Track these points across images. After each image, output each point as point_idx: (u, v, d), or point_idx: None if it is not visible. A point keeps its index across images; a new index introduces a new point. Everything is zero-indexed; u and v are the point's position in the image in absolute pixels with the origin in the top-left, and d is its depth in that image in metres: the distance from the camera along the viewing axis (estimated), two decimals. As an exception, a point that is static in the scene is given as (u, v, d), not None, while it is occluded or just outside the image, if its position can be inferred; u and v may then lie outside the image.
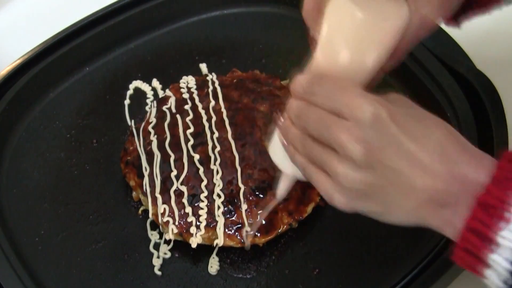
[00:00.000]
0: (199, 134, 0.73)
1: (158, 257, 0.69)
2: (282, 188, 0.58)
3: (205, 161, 0.70)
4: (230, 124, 0.73)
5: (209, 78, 0.80)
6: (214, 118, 0.74)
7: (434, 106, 0.75)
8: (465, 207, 0.46)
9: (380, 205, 0.49)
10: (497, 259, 0.45)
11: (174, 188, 0.69)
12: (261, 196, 0.68)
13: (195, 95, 0.77)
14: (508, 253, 0.44)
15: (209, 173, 0.70)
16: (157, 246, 0.70)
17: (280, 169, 0.57)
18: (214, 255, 0.69)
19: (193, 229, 0.67)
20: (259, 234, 0.68)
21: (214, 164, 0.70)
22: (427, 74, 0.79)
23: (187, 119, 0.74)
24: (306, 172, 0.51)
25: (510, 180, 0.44)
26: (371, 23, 0.48)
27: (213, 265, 0.69)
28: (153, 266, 0.69)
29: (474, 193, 0.45)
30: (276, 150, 0.55)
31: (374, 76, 0.51)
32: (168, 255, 0.70)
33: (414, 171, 0.47)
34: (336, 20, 0.49)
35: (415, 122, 0.48)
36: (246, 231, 0.66)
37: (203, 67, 0.86)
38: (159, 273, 0.68)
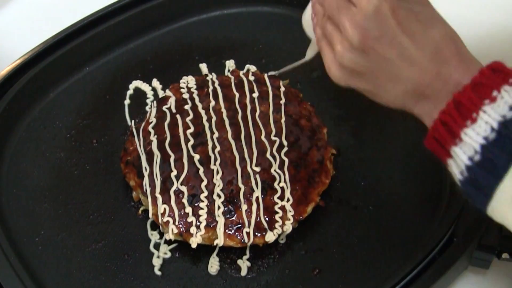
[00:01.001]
0: (199, 134, 0.73)
1: (158, 257, 0.69)
2: (310, 51, 0.69)
3: (205, 161, 0.70)
4: (230, 124, 0.73)
5: (209, 78, 0.80)
6: (214, 118, 0.74)
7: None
8: (443, 103, 0.51)
9: (370, 86, 0.56)
10: (458, 152, 0.49)
11: (174, 188, 0.69)
12: (262, 196, 0.68)
13: (195, 95, 0.77)
14: (467, 148, 0.49)
15: (209, 173, 0.70)
16: (157, 246, 0.70)
17: (308, 36, 0.66)
18: (214, 255, 0.69)
19: (193, 229, 0.67)
20: (259, 235, 0.68)
21: (214, 164, 0.70)
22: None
23: (187, 119, 0.74)
24: (318, 42, 0.59)
25: (485, 86, 0.49)
26: None
27: (213, 265, 0.69)
28: (153, 266, 0.69)
29: (453, 91, 0.50)
30: (307, 18, 0.65)
31: None
32: (168, 255, 0.70)
33: (403, 62, 0.52)
34: None
35: (416, 18, 0.53)
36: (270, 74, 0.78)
37: (203, 67, 0.86)
38: (159, 273, 0.68)
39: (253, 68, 0.84)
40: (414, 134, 0.61)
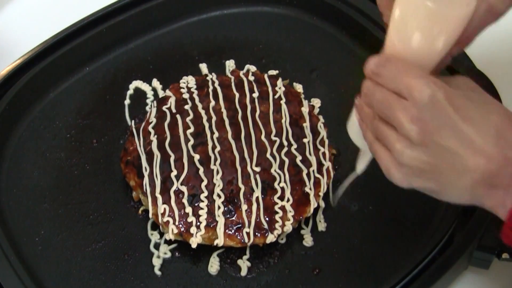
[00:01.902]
0: (199, 134, 0.73)
1: (158, 257, 0.69)
2: (361, 163, 0.63)
3: (205, 161, 0.70)
4: (230, 124, 0.73)
5: (209, 78, 0.80)
6: (214, 118, 0.74)
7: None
8: None
9: (435, 183, 0.52)
10: None
11: (174, 188, 0.69)
12: (262, 196, 0.68)
13: (195, 95, 0.77)
14: None
15: (209, 173, 0.70)
16: (157, 246, 0.70)
17: (357, 145, 0.62)
18: (214, 255, 0.69)
19: (193, 229, 0.67)
20: (259, 235, 0.68)
21: (214, 164, 0.70)
22: (427, 74, 0.79)
23: (187, 119, 0.74)
24: (371, 147, 0.55)
25: None
26: (440, 11, 0.50)
27: (213, 265, 0.69)
28: (153, 266, 0.69)
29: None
30: (353, 127, 0.60)
31: (442, 61, 0.54)
32: (168, 255, 0.70)
33: (467, 151, 0.49)
34: (407, 7, 0.52)
35: (473, 105, 0.50)
36: (334, 194, 0.71)
37: (203, 67, 0.86)
38: (159, 273, 0.68)
39: (253, 68, 0.84)
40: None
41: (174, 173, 0.70)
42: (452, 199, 0.52)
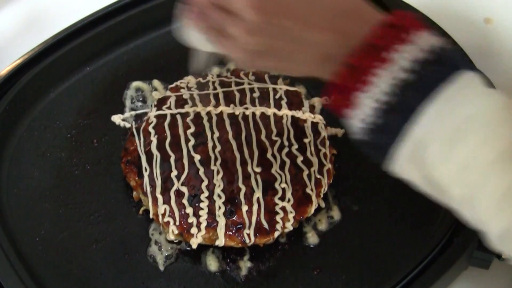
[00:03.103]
0: (199, 134, 0.73)
1: (158, 257, 0.69)
2: (199, 62, 0.64)
3: (206, 161, 0.70)
4: (230, 124, 0.73)
5: (209, 78, 0.80)
6: (214, 118, 0.74)
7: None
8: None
9: (279, 61, 0.53)
10: (351, 115, 0.50)
11: (174, 188, 0.69)
12: (263, 196, 0.69)
13: (195, 95, 0.77)
14: (360, 111, 0.49)
15: (209, 173, 0.70)
16: (157, 246, 0.70)
17: (193, 47, 0.62)
18: (215, 255, 0.69)
19: (193, 230, 0.67)
20: (259, 235, 0.68)
21: (215, 164, 0.70)
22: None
23: (188, 119, 0.74)
24: (211, 38, 0.55)
25: (373, 47, 0.48)
26: None
27: (214, 265, 0.69)
28: (154, 266, 0.69)
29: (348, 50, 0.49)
30: (187, 29, 0.59)
31: None
32: (169, 255, 0.70)
33: (307, 29, 0.51)
34: None
35: None
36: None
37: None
38: (159, 273, 0.68)
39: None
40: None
41: (174, 173, 0.70)
42: (296, 73, 0.55)
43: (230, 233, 0.68)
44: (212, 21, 0.54)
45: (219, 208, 0.68)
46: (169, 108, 0.76)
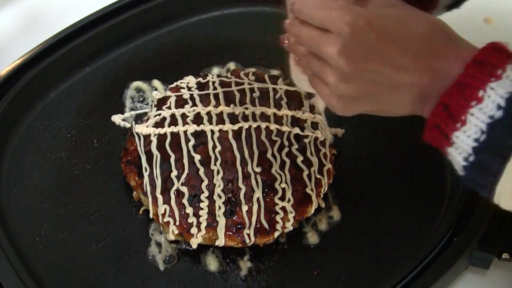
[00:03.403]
0: (199, 134, 0.73)
1: (158, 257, 0.69)
2: (320, 102, 0.62)
3: (206, 161, 0.70)
4: (230, 124, 0.73)
5: (209, 78, 0.80)
6: (214, 118, 0.74)
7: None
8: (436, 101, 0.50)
9: (375, 106, 0.54)
10: (453, 153, 0.50)
11: (174, 188, 0.69)
12: (263, 196, 0.69)
13: (195, 95, 0.77)
14: (461, 150, 0.49)
15: (209, 173, 0.70)
16: (157, 246, 0.70)
17: (302, 88, 0.63)
18: (215, 255, 0.69)
19: (193, 230, 0.67)
20: (259, 235, 0.68)
21: (215, 164, 0.70)
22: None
23: (188, 119, 0.74)
24: (311, 84, 0.56)
25: (470, 86, 0.48)
26: None
27: (214, 265, 0.69)
28: (154, 266, 0.69)
29: (444, 89, 0.50)
30: (294, 71, 0.61)
31: None
32: (169, 255, 0.70)
33: (399, 71, 0.50)
34: None
35: (396, 23, 0.51)
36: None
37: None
38: (159, 273, 0.68)
39: (253, 68, 0.84)
40: (415, 134, 0.60)
41: (174, 173, 0.70)
42: (395, 114, 0.55)
43: (230, 233, 0.68)
44: (309, 67, 0.55)
45: (219, 208, 0.68)
46: (169, 108, 0.76)
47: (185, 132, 0.73)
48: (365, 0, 0.54)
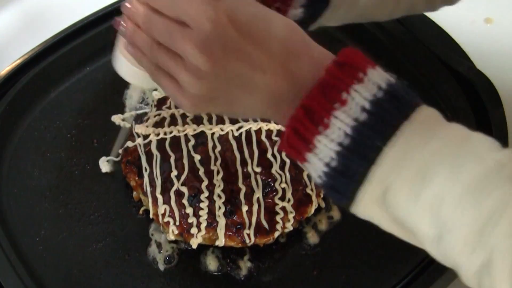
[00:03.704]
0: (199, 134, 0.73)
1: (158, 257, 0.69)
2: (135, 99, 0.60)
3: (206, 161, 0.70)
4: (230, 124, 0.73)
5: (209, 78, 0.79)
6: (214, 118, 0.74)
7: (434, 106, 0.75)
8: (296, 105, 0.47)
9: (225, 105, 0.51)
10: (314, 159, 0.47)
11: (174, 188, 0.69)
12: (263, 196, 0.69)
13: (195, 95, 0.77)
14: (322, 155, 0.46)
15: (209, 173, 0.70)
16: (157, 246, 0.70)
17: (128, 81, 0.58)
18: (215, 255, 0.69)
19: (193, 230, 0.67)
20: (259, 235, 0.68)
21: (215, 164, 0.70)
22: (427, 73, 0.79)
23: (188, 119, 0.74)
24: (154, 77, 0.52)
25: (333, 87, 0.46)
26: None
27: (214, 265, 0.69)
28: (154, 266, 0.69)
29: (304, 92, 0.47)
30: (121, 59, 0.57)
31: None
32: (169, 255, 0.70)
33: (256, 72, 0.48)
34: None
35: (258, 23, 0.49)
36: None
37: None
38: (159, 273, 0.68)
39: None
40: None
41: (174, 173, 0.70)
42: (244, 116, 0.53)
43: (230, 233, 0.68)
44: (155, 59, 0.51)
45: (219, 208, 0.68)
46: (169, 108, 0.76)
47: (185, 132, 0.73)
48: None
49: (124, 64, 0.56)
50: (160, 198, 0.69)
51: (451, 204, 0.44)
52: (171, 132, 0.73)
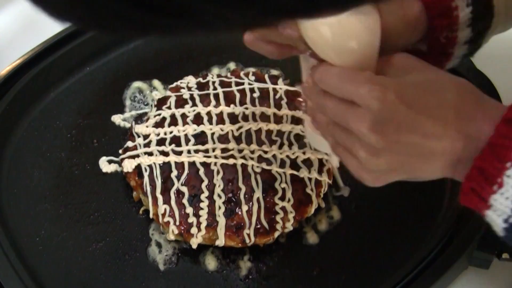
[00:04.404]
0: (199, 134, 0.73)
1: (158, 257, 0.69)
2: (334, 159, 0.62)
3: (206, 161, 0.70)
4: (230, 124, 0.73)
5: (209, 78, 0.80)
6: (214, 118, 0.74)
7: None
8: (470, 163, 0.49)
9: (405, 174, 0.52)
10: (492, 216, 0.49)
11: (174, 188, 0.69)
12: (263, 196, 0.69)
13: (195, 95, 0.77)
14: (500, 212, 0.48)
15: (209, 173, 0.70)
16: (157, 246, 0.70)
17: (316, 148, 0.63)
18: (214, 255, 0.69)
19: (193, 230, 0.67)
20: (259, 235, 0.68)
21: (215, 164, 0.70)
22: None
23: (188, 119, 0.74)
24: (335, 151, 0.54)
25: (504, 147, 0.47)
26: (350, 20, 0.51)
27: (213, 265, 0.69)
28: (154, 266, 0.69)
29: (477, 150, 0.48)
30: (308, 130, 0.60)
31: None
32: (169, 255, 0.70)
33: (431, 141, 0.49)
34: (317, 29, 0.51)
35: (424, 92, 0.50)
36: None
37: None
38: (159, 273, 0.68)
39: (253, 68, 0.84)
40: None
41: (174, 173, 0.70)
42: (426, 179, 0.53)
43: (230, 233, 0.68)
44: (333, 136, 0.53)
45: (219, 208, 0.68)
46: (169, 108, 0.76)
47: (185, 132, 0.73)
48: (385, 65, 0.52)
49: (309, 133, 0.60)
50: (160, 198, 0.69)
51: None
52: (171, 132, 0.73)
